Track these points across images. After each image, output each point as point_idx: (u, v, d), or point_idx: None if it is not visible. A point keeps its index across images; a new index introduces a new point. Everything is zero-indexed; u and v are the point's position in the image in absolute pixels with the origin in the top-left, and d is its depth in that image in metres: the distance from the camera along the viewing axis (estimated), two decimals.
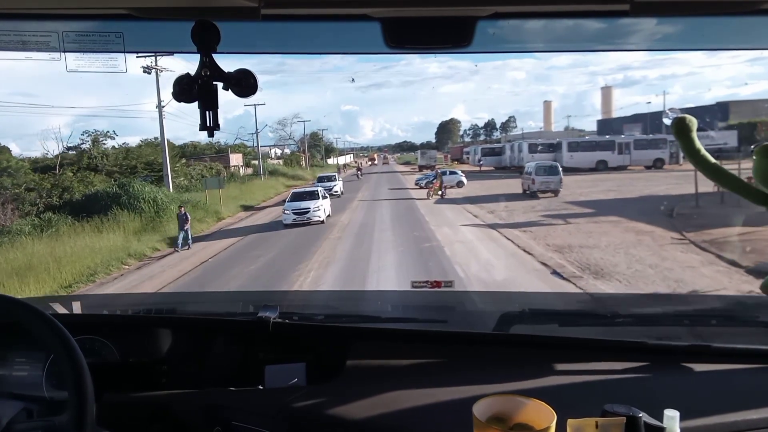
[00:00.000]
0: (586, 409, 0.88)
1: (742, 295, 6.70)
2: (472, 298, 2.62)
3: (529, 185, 22.22)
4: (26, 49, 1.00)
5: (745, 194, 1.08)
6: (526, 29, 1.08)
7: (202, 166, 33.88)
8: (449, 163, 52.96)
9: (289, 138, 68.81)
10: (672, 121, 1.08)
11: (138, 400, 1.34)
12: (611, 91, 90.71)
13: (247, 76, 0.97)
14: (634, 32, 1.08)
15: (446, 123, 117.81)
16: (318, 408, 1.20)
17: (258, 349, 1.51)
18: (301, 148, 64.73)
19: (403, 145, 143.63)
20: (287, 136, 68.83)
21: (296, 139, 68.18)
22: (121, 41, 1.00)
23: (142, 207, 19.29)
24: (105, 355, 1.48)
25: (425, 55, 58.17)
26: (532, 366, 1.31)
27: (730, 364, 1.30)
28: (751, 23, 1.01)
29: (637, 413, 0.87)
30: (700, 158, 1.07)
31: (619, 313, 1.86)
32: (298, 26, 1.06)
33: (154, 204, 19.71)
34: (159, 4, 0.92)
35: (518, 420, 0.84)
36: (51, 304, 1.76)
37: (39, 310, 1.07)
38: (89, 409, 0.98)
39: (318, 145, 74.72)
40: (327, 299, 2.94)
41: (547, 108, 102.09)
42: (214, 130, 0.99)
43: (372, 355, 1.42)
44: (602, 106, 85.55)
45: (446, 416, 1.12)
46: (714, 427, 1.06)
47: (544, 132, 75.03)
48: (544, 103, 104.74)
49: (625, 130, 43.96)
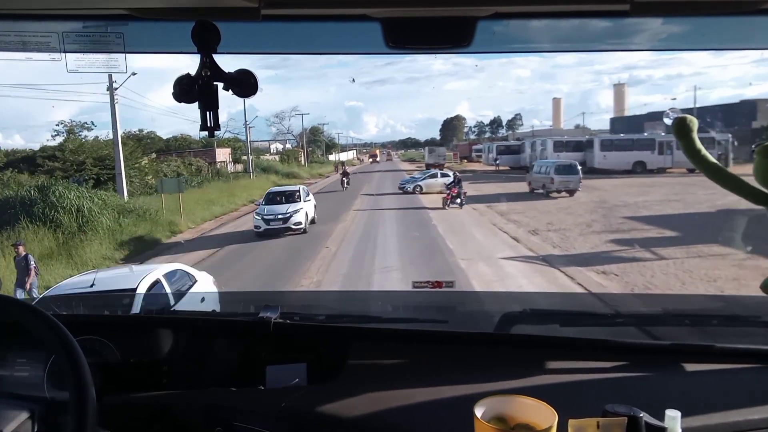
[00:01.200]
0: (588, 409, 0.88)
1: (742, 295, 6.70)
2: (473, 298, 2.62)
3: (546, 184, 20.99)
4: (26, 49, 1.00)
5: (745, 194, 1.08)
6: (526, 29, 1.08)
7: (180, 162, 29.87)
8: (458, 162, 47.51)
9: (288, 132, 65.15)
10: (672, 122, 1.08)
11: (139, 400, 1.34)
12: (624, 88, 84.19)
13: (248, 76, 0.97)
14: (635, 32, 1.08)
15: (451, 120, 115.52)
16: (319, 408, 1.20)
17: (259, 349, 1.51)
18: (300, 143, 60.72)
19: (407, 142, 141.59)
20: (285, 130, 65.25)
21: (295, 134, 64.26)
22: (121, 41, 1.00)
23: (60, 219, 14.23)
24: (106, 355, 1.48)
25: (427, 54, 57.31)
26: (533, 366, 1.31)
27: (731, 364, 1.30)
28: (752, 23, 1.01)
29: (638, 413, 0.86)
30: (701, 158, 1.07)
31: (620, 313, 1.86)
32: (298, 26, 1.06)
33: (78, 215, 14.68)
34: (159, 5, 0.92)
35: (519, 420, 0.84)
36: (52, 304, 1.77)
37: (40, 311, 1.07)
38: (90, 410, 0.98)
39: (318, 140, 70.67)
40: (328, 299, 2.95)
41: (556, 105, 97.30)
42: (215, 130, 0.99)
43: (373, 356, 1.42)
44: (615, 104, 79.55)
45: (447, 416, 1.12)
46: (715, 427, 1.06)
47: (555, 130, 70.97)
48: (553, 101, 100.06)
49: (646, 129, 37.19)
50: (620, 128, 47.76)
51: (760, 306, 1.79)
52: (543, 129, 70.63)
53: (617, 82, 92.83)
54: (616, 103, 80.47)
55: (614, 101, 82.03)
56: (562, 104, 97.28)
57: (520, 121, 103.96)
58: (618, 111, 73.64)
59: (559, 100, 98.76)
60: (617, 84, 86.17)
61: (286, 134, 65.00)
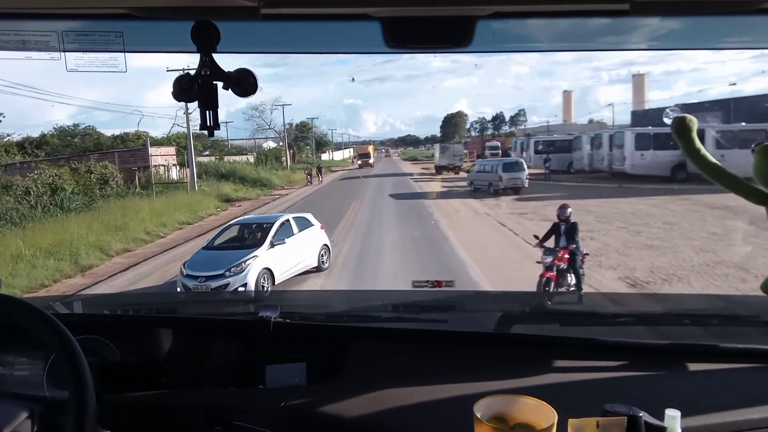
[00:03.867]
0: (587, 409, 0.88)
1: (742, 295, 6.70)
2: (472, 298, 2.62)
3: (492, 182, 21.75)
4: (26, 48, 1.00)
5: (745, 194, 1.08)
6: (526, 28, 1.08)
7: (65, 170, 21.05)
8: (472, 162, 34.54)
9: (270, 128, 55.21)
10: (672, 121, 1.08)
11: (138, 400, 1.34)
12: (644, 79, 72.79)
13: (247, 75, 0.97)
14: (634, 31, 1.08)
15: (452, 116, 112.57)
16: (318, 407, 1.20)
17: (259, 348, 1.51)
18: (283, 140, 50.49)
19: (406, 139, 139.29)
20: (267, 124, 55.27)
21: (278, 130, 53.87)
22: (121, 41, 1.00)
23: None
24: (106, 355, 1.47)
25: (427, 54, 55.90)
26: (532, 365, 1.31)
27: (731, 363, 1.30)
28: (751, 22, 1.01)
29: (637, 413, 0.86)
30: (701, 158, 1.07)
31: (620, 312, 1.86)
32: (298, 26, 1.06)
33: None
34: (159, 4, 0.92)
35: (519, 419, 0.84)
36: (52, 304, 1.77)
37: (40, 310, 1.07)
38: (90, 409, 0.98)
39: (306, 136, 60.77)
40: (328, 299, 2.94)
41: (567, 99, 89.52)
42: (215, 129, 0.99)
43: (373, 355, 1.42)
44: (634, 96, 69.59)
45: (447, 416, 1.12)
46: (715, 426, 1.06)
47: (567, 125, 65.30)
48: (563, 94, 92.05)
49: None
50: (644, 122, 35.30)
51: (760, 306, 1.80)
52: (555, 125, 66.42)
53: (636, 73, 78.89)
54: (636, 94, 70.15)
55: (633, 93, 71.34)
56: (573, 98, 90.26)
57: (524, 117, 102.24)
58: (638, 104, 64.40)
59: (570, 93, 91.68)
60: (636, 74, 75.09)
61: (267, 129, 55.99)
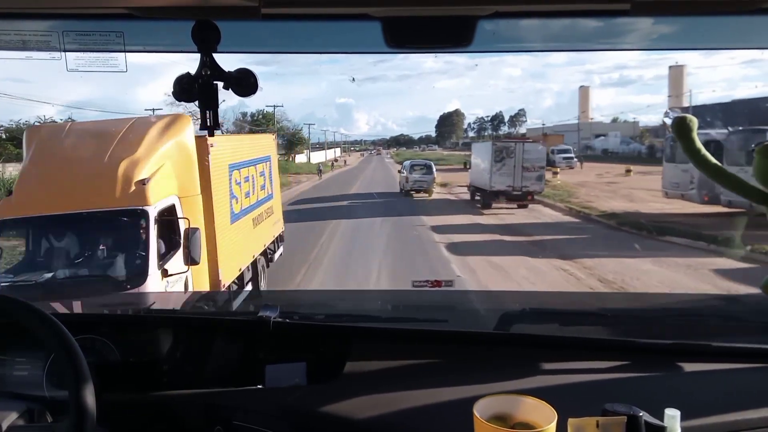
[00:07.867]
0: (587, 409, 0.88)
1: (742, 294, 6.70)
2: (472, 297, 2.62)
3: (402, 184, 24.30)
4: (27, 48, 1.00)
5: (745, 194, 1.08)
6: (526, 28, 1.08)
7: None
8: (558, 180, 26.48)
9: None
10: (672, 121, 1.08)
11: (138, 400, 1.34)
12: (683, 70, 63.94)
13: (247, 75, 0.97)
14: (635, 31, 1.08)
15: (449, 115, 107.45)
16: (318, 407, 1.20)
17: (258, 348, 1.51)
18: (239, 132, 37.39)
19: (399, 139, 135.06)
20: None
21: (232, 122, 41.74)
22: (121, 40, 0.99)
23: None
24: (105, 354, 1.47)
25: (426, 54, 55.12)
26: (532, 365, 1.31)
27: (730, 363, 1.30)
28: (751, 23, 1.01)
29: (637, 412, 0.86)
30: (701, 158, 1.07)
31: (620, 312, 1.86)
32: (299, 25, 1.06)
33: None
34: (159, 4, 0.92)
35: (519, 419, 0.84)
36: (51, 304, 1.77)
37: (39, 310, 1.07)
38: (89, 409, 0.98)
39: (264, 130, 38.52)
40: (328, 299, 2.94)
41: (584, 95, 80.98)
42: (215, 129, 0.99)
43: (372, 355, 1.42)
44: (671, 90, 60.93)
45: (447, 416, 1.12)
46: (714, 426, 1.06)
47: (583, 124, 59.79)
48: (580, 90, 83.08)
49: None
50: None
51: (760, 306, 1.80)
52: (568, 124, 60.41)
53: (674, 64, 67.06)
54: (673, 88, 60.86)
55: (670, 87, 62.92)
56: (590, 94, 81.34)
57: (524, 118, 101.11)
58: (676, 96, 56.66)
59: (587, 89, 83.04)
60: (673, 66, 65.70)
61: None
